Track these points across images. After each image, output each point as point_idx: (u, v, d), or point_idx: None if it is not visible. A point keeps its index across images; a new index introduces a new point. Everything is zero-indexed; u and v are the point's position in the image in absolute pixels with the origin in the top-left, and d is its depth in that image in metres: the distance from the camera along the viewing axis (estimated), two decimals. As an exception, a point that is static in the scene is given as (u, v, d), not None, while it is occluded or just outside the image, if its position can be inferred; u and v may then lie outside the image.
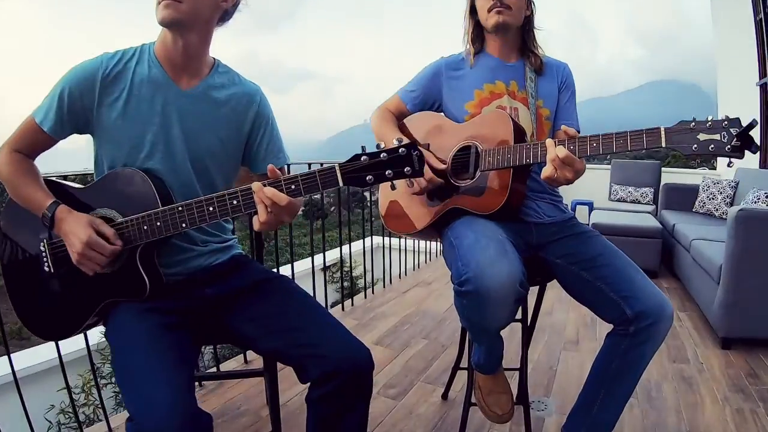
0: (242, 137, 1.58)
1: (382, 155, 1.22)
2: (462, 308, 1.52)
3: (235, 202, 1.30)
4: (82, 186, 1.48)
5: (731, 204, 5.26)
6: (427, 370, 2.84)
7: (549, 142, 1.44)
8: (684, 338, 3.43)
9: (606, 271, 1.61)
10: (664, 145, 1.29)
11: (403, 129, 1.96)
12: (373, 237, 5.67)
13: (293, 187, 1.26)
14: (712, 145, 1.27)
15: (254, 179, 1.44)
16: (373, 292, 4.52)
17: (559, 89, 1.90)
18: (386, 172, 1.22)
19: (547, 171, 1.44)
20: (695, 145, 1.28)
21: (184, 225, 1.34)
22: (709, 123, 1.27)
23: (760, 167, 5.78)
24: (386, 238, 5.19)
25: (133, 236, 1.37)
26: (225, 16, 1.51)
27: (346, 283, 5.56)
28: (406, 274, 5.21)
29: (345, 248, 4.34)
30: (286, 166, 1.68)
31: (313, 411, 1.41)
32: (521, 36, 1.89)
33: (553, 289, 1.91)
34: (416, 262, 5.56)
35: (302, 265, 4.99)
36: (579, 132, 1.45)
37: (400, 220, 1.94)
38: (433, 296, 4.42)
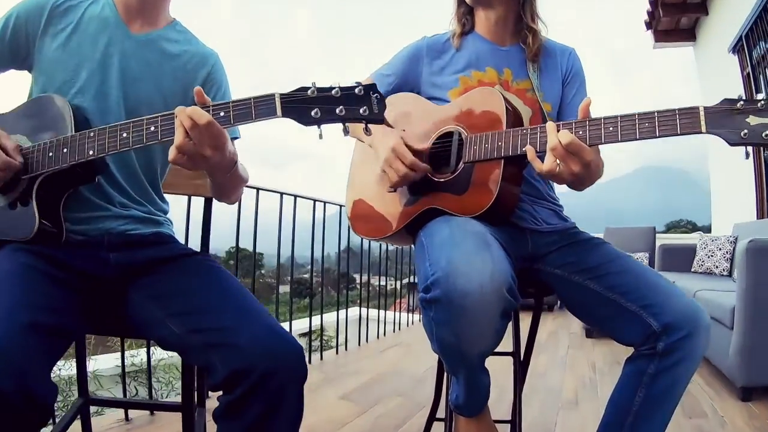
0: (188, 97, 1.40)
1: (333, 90, 1.03)
2: (430, 325, 1.15)
3: (152, 128, 1.09)
4: (3, 112, 1.33)
5: (731, 260, 4.95)
6: (399, 428, 2.46)
7: (550, 126, 1.17)
8: (697, 393, 3.02)
9: (620, 279, 1.30)
10: (704, 129, 1.02)
11: None
12: (355, 308, 5.45)
13: (222, 113, 1.06)
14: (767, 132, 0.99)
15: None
16: (346, 349, 4.21)
17: (563, 81, 1.62)
18: (337, 109, 1.02)
19: (547, 163, 1.17)
20: (744, 131, 1.00)
21: (91, 152, 1.14)
22: (762, 103, 1.00)
23: (757, 219, 5.55)
24: (366, 309, 4.91)
25: (36, 163, 1.18)
26: None
27: (317, 342, 5.29)
28: (384, 335, 4.89)
29: (326, 317, 4.11)
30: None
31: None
32: (517, 12, 1.60)
33: (546, 351, 1.61)
34: (397, 327, 5.27)
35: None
36: None
37: (369, 222, 1.63)
38: (413, 356, 4.06)
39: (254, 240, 3.18)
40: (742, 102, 1.02)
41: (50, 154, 1.17)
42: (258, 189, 3.09)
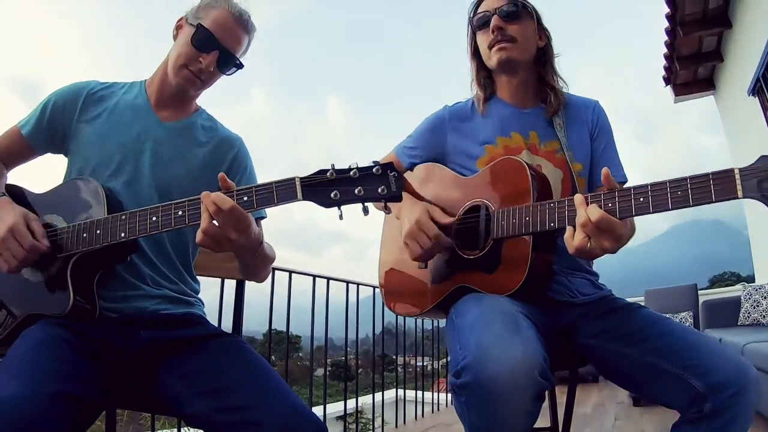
0: (216, 179, 1.47)
1: (351, 172, 1.06)
2: (462, 409, 1.10)
3: (180, 212, 1.15)
4: (40, 192, 1.40)
5: None
6: None
7: (578, 199, 1.13)
8: (755, 452, 2.77)
9: (659, 342, 1.22)
10: (740, 194, 0.96)
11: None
12: (392, 390, 5.31)
13: (245, 198, 1.11)
14: None
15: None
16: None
17: (591, 135, 1.57)
18: (356, 190, 1.05)
19: (577, 240, 1.12)
20: None
21: (123, 234, 1.19)
22: None
23: None
24: (402, 390, 4.78)
25: (71, 243, 1.23)
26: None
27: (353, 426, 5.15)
28: (423, 416, 4.70)
29: (362, 399, 4.01)
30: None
31: None
32: (537, 73, 1.58)
33: (593, 424, 1.50)
34: (436, 407, 5.08)
35: (317, 412, 4.53)
36: (624, 184, 1.16)
37: (401, 298, 1.61)
38: (454, 438, 3.86)
39: (287, 323, 3.20)
40: None
41: (84, 234, 1.22)
42: (291, 272, 3.12)
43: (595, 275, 1.54)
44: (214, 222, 1.09)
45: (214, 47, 1.41)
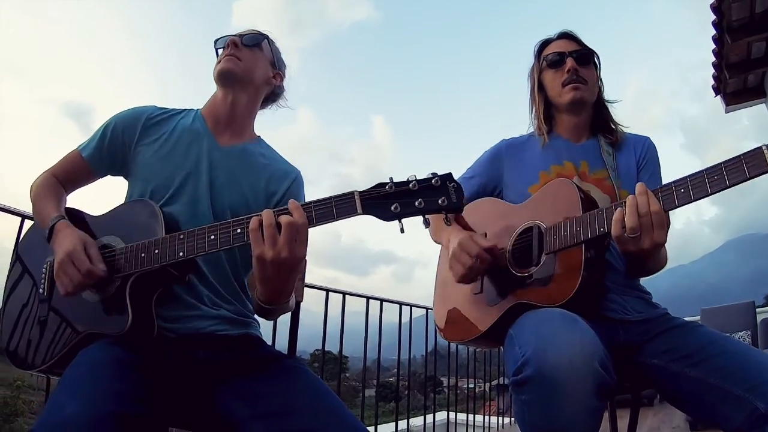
0: (269, 206, 1.47)
1: (411, 184, 1.05)
2: (522, 411, 1.09)
3: (239, 230, 1.14)
4: (98, 215, 1.43)
5: None
6: None
7: (640, 187, 1.21)
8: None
9: (720, 361, 1.20)
10: None
11: (458, 219, 1.59)
12: (443, 412, 5.17)
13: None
14: None
15: None
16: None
17: (638, 166, 1.62)
18: (416, 202, 1.04)
19: (631, 221, 1.18)
20: None
21: (181, 254, 1.19)
22: None
23: None
24: (453, 413, 4.68)
25: (129, 263, 1.24)
26: (271, 96, 1.68)
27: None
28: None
29: (412, 421, 3.94)
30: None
31: None
32: (593, 114, 1.68)
33: None
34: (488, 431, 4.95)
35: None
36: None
37: (456, 325, 1.60)
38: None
39: (340, 343, 3.19)
40: None
41: (142, 254, 1.22)
42: (344, 293, 3.12)
43: (648, 294, 1.53)
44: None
45: (227, 37, 1.54)
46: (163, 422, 1.22)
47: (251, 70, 1.53)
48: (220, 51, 1.54)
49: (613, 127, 1.67)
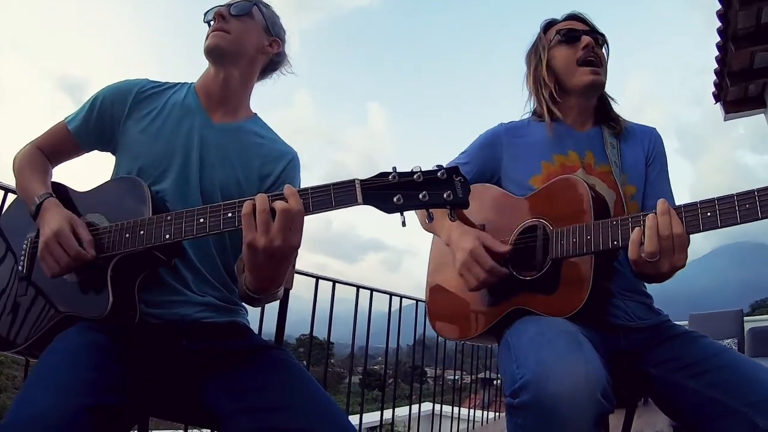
0: (262, 188, 1.42)
1: (415, 176, 0.99)
2: None
3: (230, 214, 1.08)
4: (84, 191, 1.36)
5: None
6: None
7: (663, 207, 1.11)
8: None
9: (722, 375, 1.15)
10: None
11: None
12: (427, 403, 5.22)
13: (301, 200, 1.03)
14: None
15: None
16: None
17: (646, 160, 1.54)
18: (420, 195, 0.98)
19: (651, 246, 1.09)
20: None
21: (168, 236, 1.12)
22: None
23: None
24: (438, 405, 4.67)
25: (112, 244, 1.17)
26: (270, 66, 1.57)
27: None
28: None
29: (396, 411, 3.92)
30: None
31: None
32: (598, 101, 1.59)
33: None
34: (471, 425, 4.95)
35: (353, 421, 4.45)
36: None
37: (451, 322, 1.54)
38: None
39: (328, 332, 3.16)
40: None
41: (127, 235, 1.15)
42: (335, 281, 3.08)
43: (650, 298, 1.48)
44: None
45: (215, 9, 1.44)
46: (143, 413, 1.18)
47: (241, 42, 1.43)
48: (211, 24, 1.45)
49: (616, 117, 1.58)
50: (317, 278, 2.89)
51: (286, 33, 1.58)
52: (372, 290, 3.46)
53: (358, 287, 3.34)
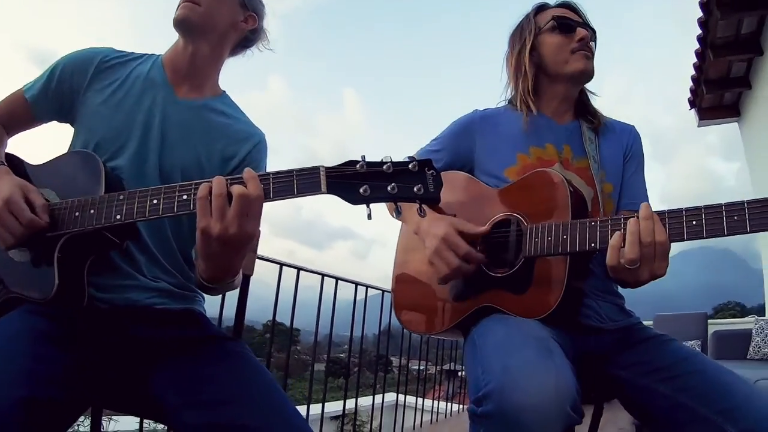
0: (225, 171, 1.34)
1: (385, 166, 0.93)
2: None
3: (185, 196, 1.01)
4: (37, 164, 1.28)
5: None
6: None
7: (646, 212, 1.06)
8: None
9: (693, 380, 1.12)
10: None
11: None
12: (391, 393, 5.15)
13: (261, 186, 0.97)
14: None
15: None
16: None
17: (624, 158, 1.49)
18: (389, 187, 0.92)
19: (631, 252, 1.04)
20: None
21: (119, 217, 1.05)
22: None
23: None
24: (402, 396, 4.66)
25: (61, 222, 1.10)
26: (244, 42, 1.48)
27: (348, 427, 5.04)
28: (421, 426, 4.57)
29: (360, 401, 3.91)
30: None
31: None
32: (579, 93, 1.53)
33: None
34: (435, 417, 4.94)
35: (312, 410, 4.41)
36: None
37: (415, 314, 1.48)
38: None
39: (291, 320, 3.12)
40: None
41: (76, 213, 1.09)
42: (299, 269, 3.02)
43: (623, 299, 1.43)
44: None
45: None
46: (87, 404, 1.11)
47: (212, 16, 1.34)
48: None
49: (596, 111, 1.53)
50: (281, 265, 2.83)
51: (265, 7, 1.49)
52: (337, 279, 3.42)
53: (323, 275, 3.29)
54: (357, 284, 3.71)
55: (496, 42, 1.62)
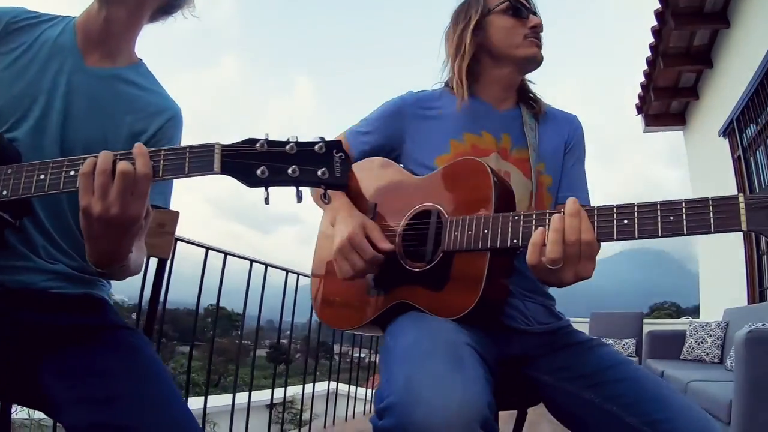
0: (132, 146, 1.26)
1: (288, 146, 0.86)
2: None
3: (72, 172, 0.93)
4: None
5: (722, 346, 4.75)
6: None
7: (572, 208, 0.96)
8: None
9: (621, 388, 1.07)
10: (744, 227, 0.82)
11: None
12: (324, 382, 5.12)
13: (152, 163, 0.90)
14: None
15: None
16: (309, 430, 3.88)
17: (565, 148, 1.43)
18: (289, 170, 0.85)
19: (553, 252, 0.95)
20: None
21: (5, 192, 0.96)
22: None
23: (748, 303, 5.36)
24: (342, 385, 4.65)
25: None
26: (165, 8, 1.34)
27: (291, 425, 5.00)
28: (353, 417, 4.54)
29: (297, 389, 3.87)
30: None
31: None
32: (521, 78, 1.46)
33: None
34: (368, 407, 4.90)
35: (244, 398, 4.29)
36: None
37: (334, 309, 1.40)
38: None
39: (217, 304, 3.11)
40: None
41: None
42: (226, 254, 2.95)
43: (553, 300, 1.38)
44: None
45: None
46: None
47: None
48: None
49: (537, 97, 1.46)
50: (207, 249, 2.76)
51: None
52: (267, 265, 3.37)
53: (252, 261, 3.23)
54: (288, 271, 3.65)
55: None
